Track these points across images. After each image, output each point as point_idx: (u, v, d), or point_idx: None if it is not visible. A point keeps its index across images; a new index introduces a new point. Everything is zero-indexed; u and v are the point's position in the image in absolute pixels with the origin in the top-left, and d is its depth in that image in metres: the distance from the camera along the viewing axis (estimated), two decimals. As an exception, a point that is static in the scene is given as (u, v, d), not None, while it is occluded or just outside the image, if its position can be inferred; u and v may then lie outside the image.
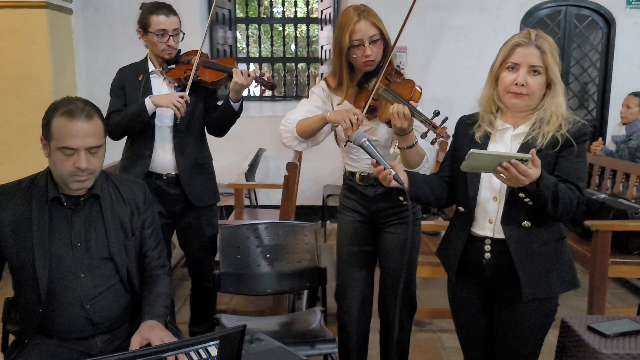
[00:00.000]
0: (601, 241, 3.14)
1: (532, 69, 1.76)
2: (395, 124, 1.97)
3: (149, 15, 2.66)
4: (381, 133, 2.24)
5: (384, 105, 2.11)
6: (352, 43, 2.15)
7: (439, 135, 1.93)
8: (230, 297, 3.79)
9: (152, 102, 2.63)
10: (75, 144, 1.75)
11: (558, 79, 1.78)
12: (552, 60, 1.75)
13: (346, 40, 2.14)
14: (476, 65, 5.63)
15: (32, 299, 1.83)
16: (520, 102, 1.80)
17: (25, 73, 4.74)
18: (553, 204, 1.67)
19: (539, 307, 1.84)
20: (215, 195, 2.90)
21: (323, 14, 6.10)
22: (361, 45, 2.15)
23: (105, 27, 5.53)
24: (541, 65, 1.76)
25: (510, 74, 1.79)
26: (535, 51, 1.75)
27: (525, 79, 1.76)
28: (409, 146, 2.04)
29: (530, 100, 1.79)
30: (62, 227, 1.85)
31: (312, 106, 2.33)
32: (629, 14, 5.73)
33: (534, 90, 1.78)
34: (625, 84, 5.60)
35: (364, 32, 2.14)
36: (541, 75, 1.77)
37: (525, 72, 1.76)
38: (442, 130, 1.91)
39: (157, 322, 1.83)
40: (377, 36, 2.16)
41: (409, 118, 1.96)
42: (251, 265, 2.54)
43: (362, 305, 2.41)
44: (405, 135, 2.02)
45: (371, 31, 2.15)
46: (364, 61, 2.18)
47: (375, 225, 2.37)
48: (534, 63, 1.75)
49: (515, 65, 1.78)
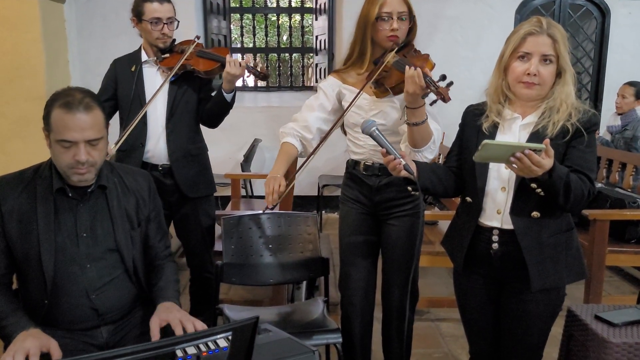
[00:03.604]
0: (599, 230, 3.17)
1: (544, 57, 1.74)
2: (408, 89, 1.93)
3: (143, 3, 2.64)
4: (390, 117, 2.21)
5: (394, 75, 2.08)
6: (380, 15, 2.14)
7: (439, 94, 1.89)
8: (229, 286, 3.78)
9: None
10: (73, 137, 1.71)
11: (569, 67, 1.77)
12: (563, 49, 1.74)
13: (375, 11, 2.13)
14: (471, 55, 5.63)
15: (37, 290, 1.82)
16: (532, 92, 1.78)
17: (18, 63, 4.68)
18: (565, 195, 1.66)
19: (547, 297, 1.84)
20: (210, 186, 2.89)
21: (318, 4, 6.07)
22: (389, 19, 2.14)
23: (99, 17, 5.47)
24: (553, 54, 1.74)
25: (522, 63, 1.76)
26: (547, 40, 1.73)
27: (537, 69, 1.74)
28: (418, 122, 2.00)
29: (542, 90, 1.78)
30: (68, 218, 1.83)
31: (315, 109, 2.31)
32: (623, 3, 5.74)
33: (546, 80, 1.76)
34: (619, 74, 5.62)
35: (394, 6, 2.14)
36: (553, 64, 1.75)
37: (538, 61, 1.74)
38: (445, 91, 1.88)
39: (172, 303, 1.84)
40: (405, 14, 2.16)
41: (422, 84, 1.91)
42: (254, 255, 2.54)
43: (366, 296, 2.41)
44: (417, 109, 1.98)
45: (401, 7, 2.15)
46: (389, 35, 2.16)
47: (378, 216, 2.36)
48: (546, 52, 1.73)
49: (527, 55, 1.75)
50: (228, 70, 2.57)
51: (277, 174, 2.16)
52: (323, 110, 2.32)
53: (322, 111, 2.32)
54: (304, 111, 2.34)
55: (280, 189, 2.10)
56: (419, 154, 2.07)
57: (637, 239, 3.35)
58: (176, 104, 2.72)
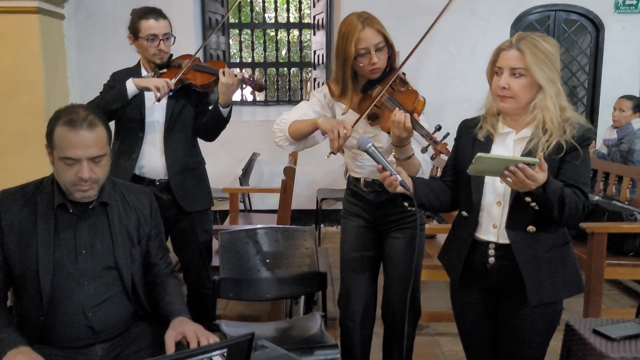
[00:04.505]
0: (597, 243, 3.17)
1: (513, 71, 1.77)
2: (394, 132, 1.95)
3: (139, 21, 2.66)
4: (385, 139, 2.22)
5: (386, 115, 2.08)
6: (358, 52, 2.12)
7: (439, 152, 1.90)
8: (227, 302, 3.76)
9: (133, 83, 2.60)
10: (76, 154, 1.72)
11: (547, 81, 1.76)
12: (533, 61, 1.74)
13: (352, 49, 2.11)
14: (466, 69, 5.66)
15: (33, 307, 1.81)
16: (506, 105, 1.81)
17: (17, 78, 4.70)
18: (559, 209, 1.67)
19: (545, 312, 1.84)
20: (208, 200, 2.88)
21: (316, 19, 6.12)
22: (367, 54, 2.12)
23: (98, 32, 5.50)
24: (522, 67, 1.76)
25: (497, 78, 1.81)
26: (515, 53, 1.77)
27: (507, 82, 1.77)
28: (405, 158, 2.03)
29: (517, 103, 1.80)
30: (68, 234, 1.83)
31: (310, 110, 2.31)
32: (617, 18, 5.79)
33: (517, 93, 1.78)
34: (614, 87, 5.65)
35: (369, 41, 2.11)
36: (525, 77, 1.77)
37: (508, 75, 1.78)
38: (443, 147, 1.87)
39: (185, 317, 1.84)
40: (382, 43, 2.14)
41: (409, 130, 1.93)
42: (251, 270, 2.54)
43: (366, 311, 2.40)
44: (403, 147, 2.01)
45: (376, 39, 2.12)
46: (371, 69, 2.15)
47: (380, 230, 2.36)
48: (514, 65, 1.76)
49: (499, 69, 1.81)
50: (222, 80, 2.57)
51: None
52: (317, 113, 2.31)
53: (316, 113, 2.31)
54: (297, 109, 2.33)
55: (347, 134, 2.04)
56: None
57: (635, 252, 3.35)
58: (174, 118, 2.72)
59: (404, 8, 5.43)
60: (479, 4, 5.68)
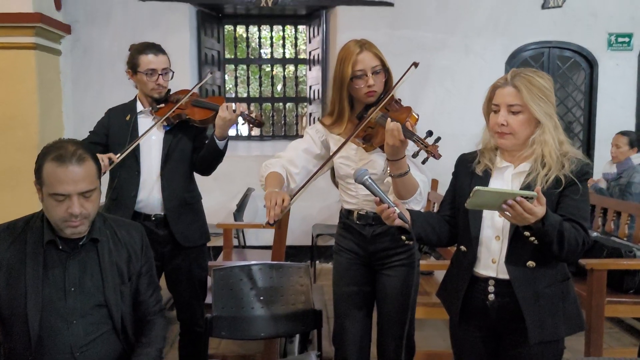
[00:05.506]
0: (597, 280, 3.11)
1: (510, 108, 1.78)
2: (388, 142, 1.92)
3: (138, 55, 2.67)
4: (379, 165, 2.19)
5: (380, 132, 2.07)
6: (354, 74, 2.14)
7: (430, 154, 1.88)
8: (219, 340, 3.67)
9: None
10: (66, 190, 1.70)
11: (544, 116, 1.77)
12: (529, 97, 1.75)
13: (348, 71, 2.13)
14: (463, 105, 5.69)
15: (21, 346, 1.76)
16: (505, 141, 1.81)
17: (12, 113, 4.69)
18: (559, 244, 1.64)
19: (546, 350, 1.79)
20: (204, 236, 2.84)
21: (311, 55, 6.18)
22: (364, 76, 2.14)
23: (94, 68, 5.52)
24: (519, 104, 1.77)
25: (495, 115, 1.82)
26: (512, 90, 1.78)
27: (505, 119, 1.78)
28: (400, 174, 1.99)
29: (516, 139, 1.80)
30: (57, 272, 1.79)
31: (300, 149, 2.31)
32: (610, 55, 5.86)
33: (516, 129, 1.79)
34: (610, 123, 5.69)
35: (366, 63, 2.14)
36: (522, 114, 1.78)
37: (505, 112, 1.79)
38: (434, 149, 1.87)
39: None
40: (379, 67, 2.16)
41: (403, 137, 1.91)
42: (245, 308, 2.47)
43: (360, 349, 2.34)
44: (398, 161, 1.97)
45: (373, 62, 2.15)
46: (367, 92, 2.16)
47: (373, 266, 2.32)
48: (511, 102, 1.78)
49: (496, 107, 1.81)
50: (220, 115, 2.56)
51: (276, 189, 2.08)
52: (308, 153, 2.32)
53: (307, 154, 2.31)
54: (289, 150, 2.33)
55: (284, 204, 2.02)
56: (406, 206, 2.03)
57: (635, 289, 3.29)
58: (171, 153, 2.71)
59: (400, 45, 5.49)
60: (473, 41, 5.76)
